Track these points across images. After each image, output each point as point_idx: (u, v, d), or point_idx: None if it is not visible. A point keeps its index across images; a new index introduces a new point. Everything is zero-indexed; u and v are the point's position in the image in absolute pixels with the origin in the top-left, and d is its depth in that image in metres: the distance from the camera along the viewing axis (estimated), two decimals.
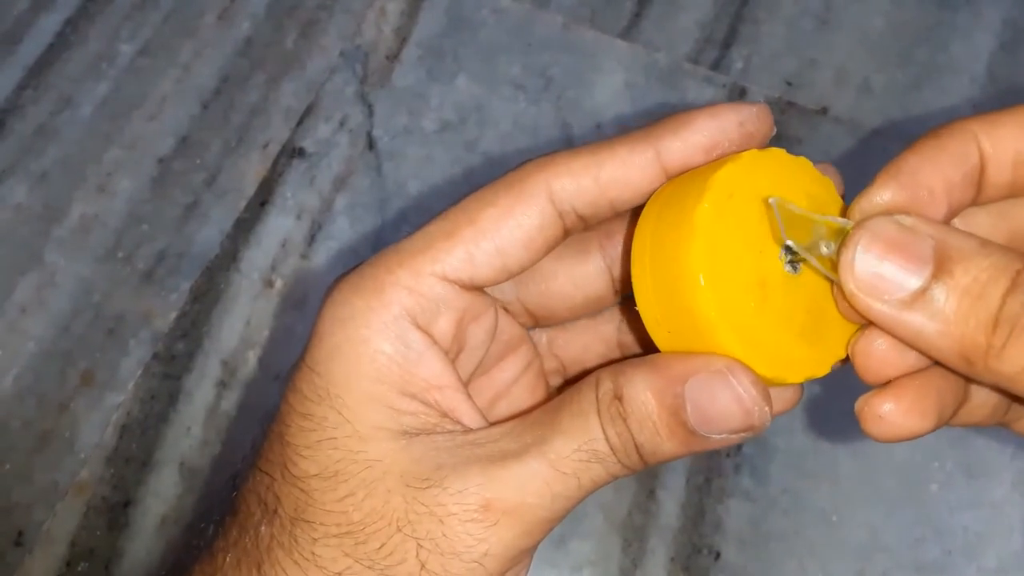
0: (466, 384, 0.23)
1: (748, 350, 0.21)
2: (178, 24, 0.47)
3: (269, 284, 0.41)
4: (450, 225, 0.22)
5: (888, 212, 0.20)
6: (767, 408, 0.20)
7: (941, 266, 0.19)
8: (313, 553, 0.20)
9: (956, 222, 0.22)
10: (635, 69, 0.45)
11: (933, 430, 0.21)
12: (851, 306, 0.20)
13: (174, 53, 0.46)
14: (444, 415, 0.22)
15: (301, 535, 0.21)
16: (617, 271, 0.25)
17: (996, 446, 0.37)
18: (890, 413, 0.20)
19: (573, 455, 0.20)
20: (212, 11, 0.47)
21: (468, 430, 0.22)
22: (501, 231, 0.22)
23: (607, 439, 0.21)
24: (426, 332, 0.22)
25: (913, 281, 0.19)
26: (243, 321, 0.40)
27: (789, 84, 0.45)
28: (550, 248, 0.23)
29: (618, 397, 0.21)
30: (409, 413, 0.21)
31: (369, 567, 0.20)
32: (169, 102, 0.45)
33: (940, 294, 0.19)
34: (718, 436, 0.20)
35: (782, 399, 0.24)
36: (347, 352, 0.21)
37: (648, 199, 0.23)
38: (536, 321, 0.26)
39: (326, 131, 0.44)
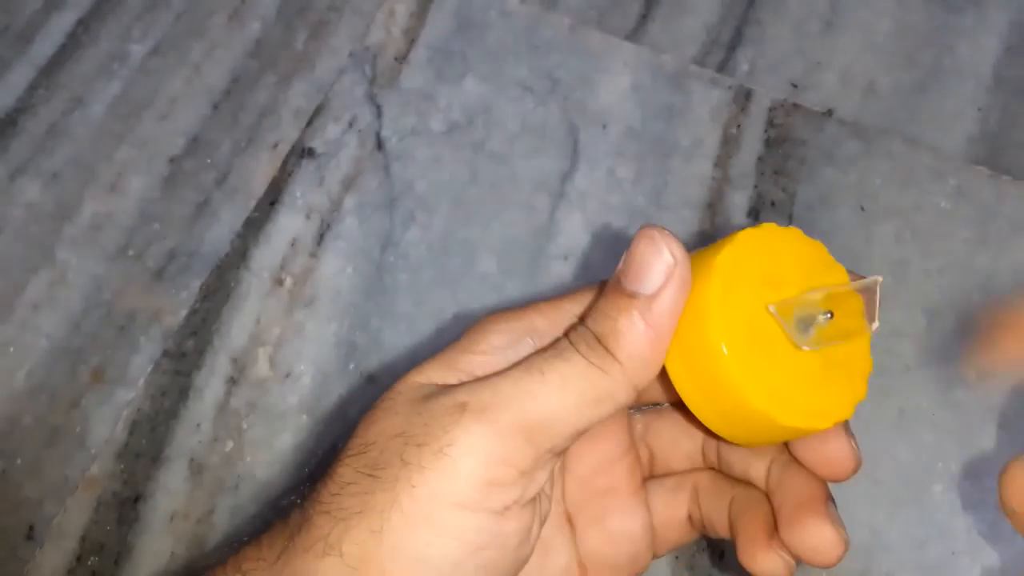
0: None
1: (777, 407, 0.23)
2: (189, 24, 0.47)
3: (279, 283, 0.41)
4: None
5: None
6: (680, 255, 0.23)
7: None
8: (335, 472, 0.23)
9: None
10: (641, 71, 0.46)
11: None
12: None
13: (185, 53, 0.47)
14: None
15: (335, 463, 0.23)
16: None
17: (1000, 448, 0.37)
18: None
19: (540, 356, 0.23)
20: (223, 12, 0.48)
21: None
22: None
23: (570, 340, 0.23)
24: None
25: None
26: (253, 319, 0.40)
27: (794, 86, 0.45)
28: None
29: (580, 318, 0.24)
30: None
31: (368, 474, 0.22)
32: (180, 102, 0.45)
33: None
34: (649, 291, 0.23)
35: (839, 464, 0.26)
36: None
37: None
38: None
39: (335, 131, 0.44)
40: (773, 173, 0.43)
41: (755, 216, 0.42)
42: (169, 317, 0.41)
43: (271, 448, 0.38)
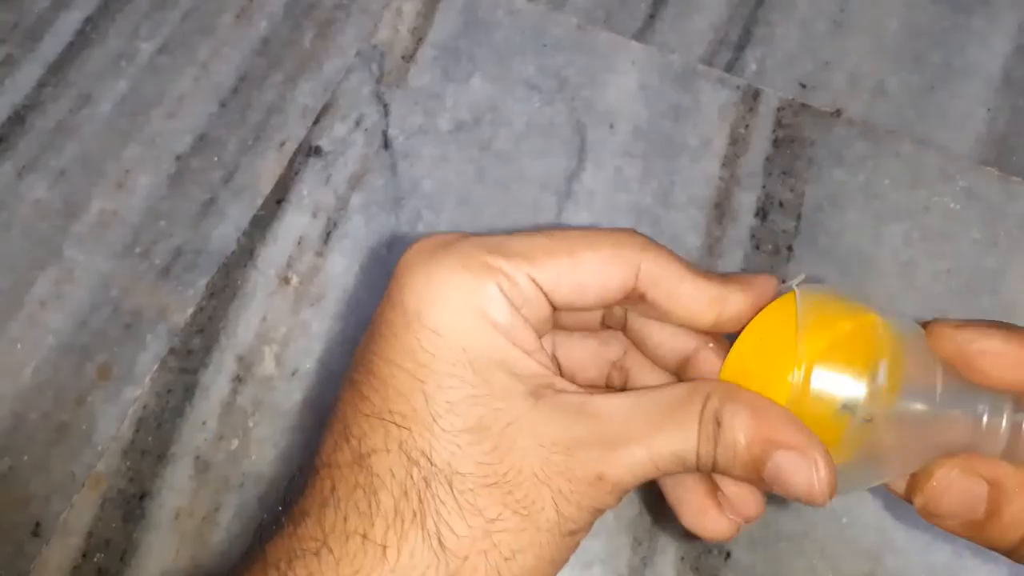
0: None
1: None
2: (197, 23, 0.47)
3: (285, 281, 0.41)
4: (551, 245, 0.25)
5: None
6: (829, 492, 0.24)
7: None
8: (470, 502, 0.23)
9: None
10: (649, 70, 0.46)
11: None
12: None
13: (192, 51, 0.47)
14: (544, 376, 0.25)
15: (458, 485, 0.23)
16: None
17: None
18: None
19: (668, 454, 0.24)
20: (230, 10, 0.48)
21: (579, 391, 0.25)
22: (591, 274, 0.25)
23: (697, 451, 0.24)
24: (519, 312, 0.25)
25: None
26: (259, 317, 0.40)
27: (803, 86, 0.45)
28: (609, 306, 0.27)
29: (718, 422, 0.24)
30: (524, 376, 0.24)
31: (516, 512, 0.23)
32: (187, 100, 0.45)
33: None
34: (777, 491, 0.24)
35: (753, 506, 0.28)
36: (470, 318, 0.24)
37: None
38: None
39: (342, 130, 0.44)
40: (781, 173, 0.43)
41: (763, 216, 0.42)
42: (175, 315, 0.41)
43: (277, 446, 0.38)
